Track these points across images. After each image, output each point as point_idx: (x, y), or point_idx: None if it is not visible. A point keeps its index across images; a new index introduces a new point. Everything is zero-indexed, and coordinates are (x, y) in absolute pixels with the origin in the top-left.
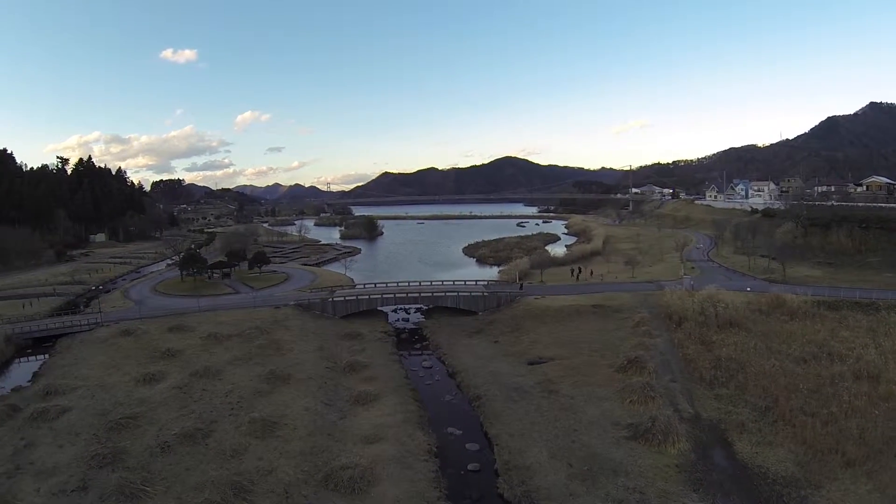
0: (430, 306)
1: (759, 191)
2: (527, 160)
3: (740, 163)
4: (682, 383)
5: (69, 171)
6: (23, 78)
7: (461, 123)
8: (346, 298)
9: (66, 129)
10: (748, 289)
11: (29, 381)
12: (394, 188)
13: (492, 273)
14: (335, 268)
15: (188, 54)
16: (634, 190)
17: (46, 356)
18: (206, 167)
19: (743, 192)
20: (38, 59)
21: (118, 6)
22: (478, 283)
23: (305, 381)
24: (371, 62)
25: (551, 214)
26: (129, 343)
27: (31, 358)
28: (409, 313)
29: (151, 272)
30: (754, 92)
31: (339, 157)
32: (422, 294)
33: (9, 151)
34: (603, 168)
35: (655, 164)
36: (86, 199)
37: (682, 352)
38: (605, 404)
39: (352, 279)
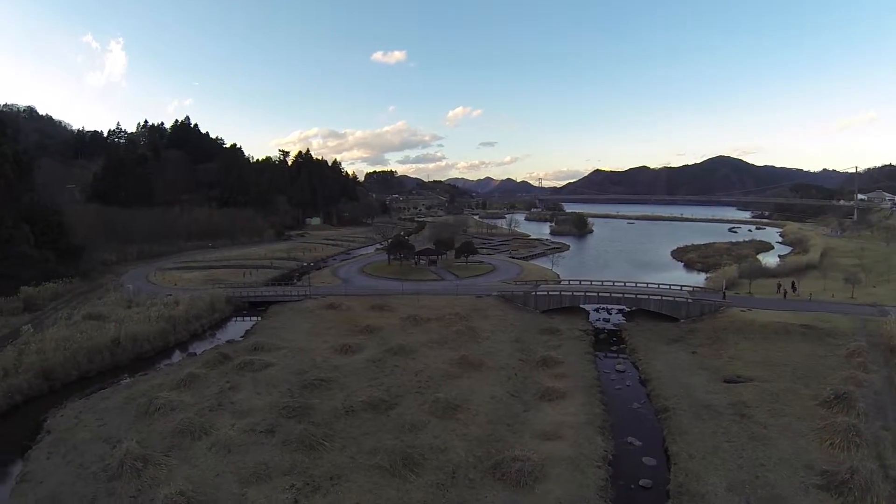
0: (632, 308)
1: None
2: (740, 160)
3: None
4: None
5: (290, 162)
6: (251, 81)
7: (673, 120)
8: (549, 293)
9: (289, 126)
10: None
11: (241, 337)
12: (605, 186)
13: (698, 279)
14: (542, 262)
15: (398, 55)
16: (860, 196)
17: (259, 318)
18: (418, 160)
19: None
20: (264, 64)
21: (333, 14)
22: (682, 288)
23: (496, 370)
24: (582, 56)
25: (765, 220)
26: (333, 316)
27: (245, 318)
28: (610, 313)
29: (360, 255)
30: None
31: (550, 153)
32: (625, 295)
33: (238, 146)
34: (824, 170)
35: (887, 165)
36: (304, 187)
37: None
38: (801, 441)
39: (557, 275)
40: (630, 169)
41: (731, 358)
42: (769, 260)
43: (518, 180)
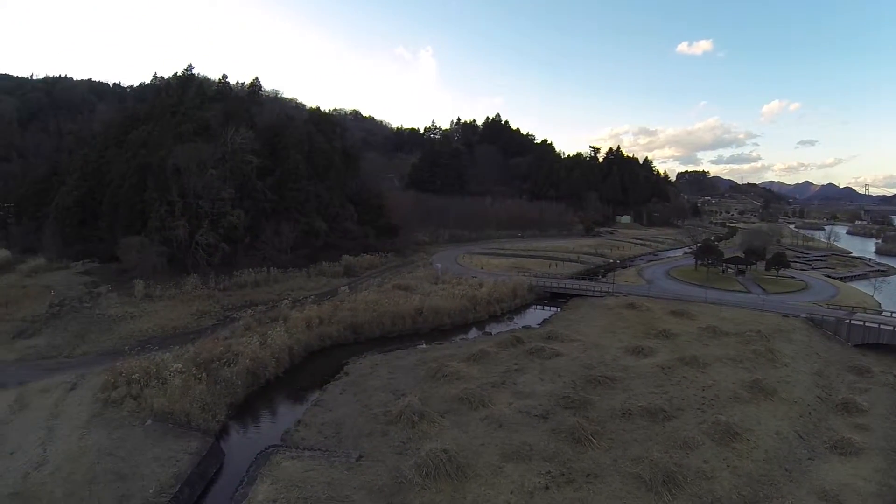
0: None
1: None
2: None
3: None
4: None
5: (600, 159)
6: (558, 79)
7: None
8: (866, 324)
9: (599, 123)
10: None
11: (538, 325)
12: None
13: None
14: (862, 286)
15: (704, 45)
16: None
17: (558, 309)
18: (731, 160)
19: None
20: (568, 65)
21: (629, 9)
22: None
23: (789, 403)
24: None
25: None
26: (631, 316)
27: (545, 307)
28: None
29: (668, 257)
30: None
31: (882, 154)
32: None
33: (549, 141)
34: None
35: None
36: (614, 184)
37: None
38: None
39: (879, 303)
40: None
41: None
42: None
43: (841, 186)
